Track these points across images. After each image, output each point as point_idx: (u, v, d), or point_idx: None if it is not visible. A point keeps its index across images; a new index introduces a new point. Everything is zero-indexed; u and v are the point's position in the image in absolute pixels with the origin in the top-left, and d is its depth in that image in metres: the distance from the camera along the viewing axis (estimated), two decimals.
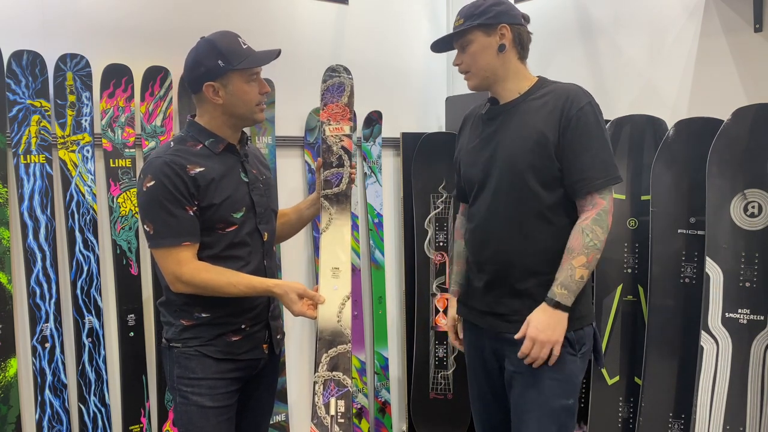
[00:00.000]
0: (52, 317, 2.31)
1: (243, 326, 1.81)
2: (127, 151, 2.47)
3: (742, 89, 2.29)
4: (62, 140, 2.34)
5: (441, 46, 1.91)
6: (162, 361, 2.27)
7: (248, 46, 1.78)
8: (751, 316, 2.07)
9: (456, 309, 2.03)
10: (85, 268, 2.39)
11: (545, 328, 1.67)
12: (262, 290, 1.75)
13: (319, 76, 2.02)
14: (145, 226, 1.74)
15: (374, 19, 3.16)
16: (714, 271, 2.11)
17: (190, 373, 1.77)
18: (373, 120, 3.08)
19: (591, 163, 1.70)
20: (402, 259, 3.20)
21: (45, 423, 2.30)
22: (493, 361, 1.88)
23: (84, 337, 2.38)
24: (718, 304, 2.11)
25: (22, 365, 2.31)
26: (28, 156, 2.27)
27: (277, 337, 1.92)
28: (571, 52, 2.84)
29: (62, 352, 2.34)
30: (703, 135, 2.18)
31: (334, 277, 1.85)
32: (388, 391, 3.15)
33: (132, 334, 2.48)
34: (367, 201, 3.10)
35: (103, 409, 2.43)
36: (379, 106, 3.09)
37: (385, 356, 3.14)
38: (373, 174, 3.12)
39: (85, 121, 2.38)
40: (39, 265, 2.29)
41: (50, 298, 2.31)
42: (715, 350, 2.10)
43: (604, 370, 2.42)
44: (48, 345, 2.31)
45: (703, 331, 2.11)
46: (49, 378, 2.31)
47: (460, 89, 3.24)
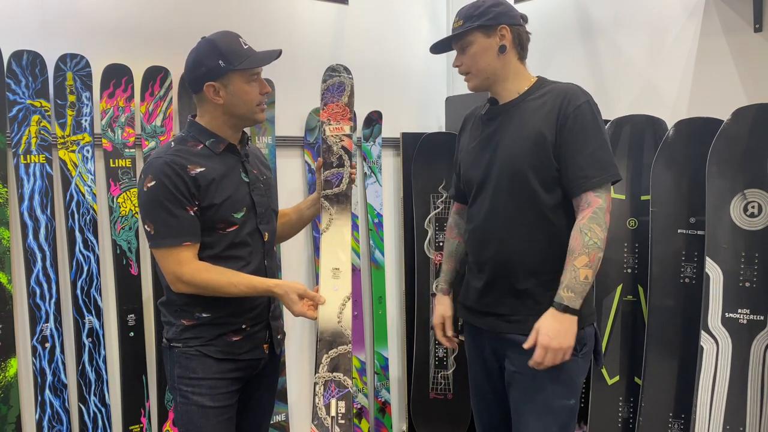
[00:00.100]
0: (52, 317, 2.31)
1: (244, 326, 1.81)
2: (127, 151, 2.47)
3: (742, 89, 2.29)
4: (62, 140, 2.34)
5: (440, 48, 1.90)
6: (162, 361, 2.26)
7: (249, 47, 1.78)
8: (751, 316, 2.07)
9: (446, 307, 2.03)
10: (85, 268, 2.38)
11: (556, 335, 1.64)
12: (263, 290, 1.75)
13: (319, 76, 2.02)
14: (146, 226, 1.74)
15: (374, 20, 3.16)
16: (714, 271, 2.11)
17: (191, 373, 1.77)
18: (373, 120, 3.08)
19: (587, 162, 1.68)
20: (402, 259, 3.20)
21: (45, 423, 2.30)
22: (493, 361, 1.87)
23: (84, 337, 2.38)
24: (718, 304, 2.10)
25: (22, 365, 2.31)
26: (28, 156, 2.27)
27: (278, 337, 1.92)
28: (571, 52, 2.84)
29: (62, 352, 2.34)
30: (703, 135, 2.18)
31: (335, 277, 1.85)
32: (388, 391, 3.15)
33: (132, 334, 2.48)
34: (367, 201, 3.10)
35: (103, 409, 2.43)
36: (379, 106, 3.09)
37: (385, 356, 3.14)
38: (373, 174, 3.12)
39: (85, 121, 2.38)
40: (39, 265, 2.28)
41: (50, 298, 2.31)
42: (715, 350, 2.10)
43: (604, 370, 2.42)
44: (48, 345, 2.31)
45: (703, 331, 2.11)
46: (49, 378, 2.31)
47: (460, 89, 3.24)
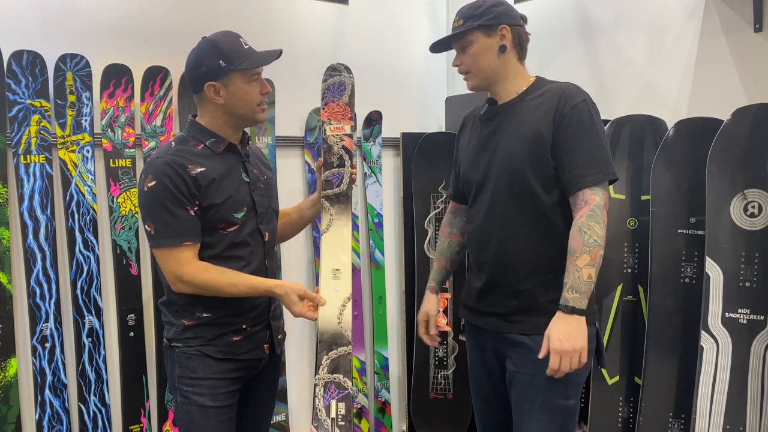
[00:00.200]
0: (52, 317, 2.31)
1: (244, 326, 1.81)
2: (127, 151, 2.47)
3: (742, 89, 2.29)
4: (62, 140, 2.34)
5: (439, 47, 1.90)
6: (163, 361, 2.26)
7: (249, 46, 1.78)
8: (751, 316, 2.07)
9: (431, 305, 2.04)
10: (85, 268, 2.38)
11: (567, 338, 1.62)
12: (263, 290, 1.75)
13: (320, 76, 2.02)
14: (147, 226, 1.74)
15: (374, 19, 3.16)
16: (714, 271, 2.11)
17: (191, 373, 1.77)
18: (373, 120, 3.08)
19: (583, 160, 1.68)
20: (402, 259, 3.20)
21: (45, 423, 2.30)
22: (494, 361, 1.87)
23: (84, 337, 2.38)
24: (718, 304, 2.10)
25: (22, 365, 2.31)
26: (28, 156, 2.27)
27: (278, 337, 1.92)
28: (571, 52, 2.84)
29: (62, 352, 2.33)
30: (703, 135, 2.18)
31: (335, 278, 1.85)
32: (388, 391, 3.15)
33: (132, 334, 2.48)
34: (367, 201, 3.10)
35: (103, 409, 2.43)
36: (379, 106, 3.09)
37: (385, 356, 3.14)
38: (373, 174, 3.11)
39: (85, 121, 2.38)
40: (39, 265, 2.28)
41: (50, 298, 2.31)
42: (715, 350, 2.10)
43: (604, 370, 2.42)
44: (48, 345, 2.31)
45: (703, 331, 2.11)
46: (49, 378, 2.31)
47: (460, 89, 3.24)
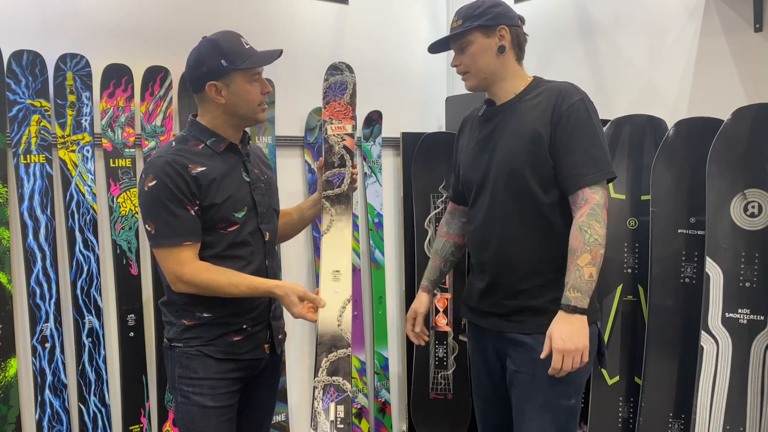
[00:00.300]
0: (52, 317, 2.31)
1: (244, 326, 1.81)
2: (127, 151, 2.47)
3: (742, 89, 2.29)
4: (62, 140, 2.34)
5: (438, 48, 1.90)
6: (163, 361, 2.26)
7: (250, 46, 1.78)
8: (751, 316, 2.07)
9: (421, 303, 2.01)
10: (85, 268, 2.38)
11: (569, 337, 1.63)
12: (264, 291, 1.74)
13: (320, 76, 2.02)
14: (147, 226, 1.74)
15: (374, 19, 3.16)
16: (714, 271, 2.11)
17: (192, 373, 1.77)
18: (373, 120, 3.08)
19: (581, 159, 1.68)
20: (402, 259, 3.20)
21: (45, 423, 2.30)
22: (496, 360, 1.87)
23: (84, 337, 2.38)
24: (718, 304, 2.10)
25: (22, 365, 2.31)
26: (28, 156, 2.27)
27: (279, 337, 1.91)
28: (571, 52, 2.84)
29: (62, 352, 2.33)
30: (703, 135, 2.18)
31: (335, 280, 1.84)
32: (388, 391, 3.15)
33: (132, 334, 2.48)
34: (367, 201, 3.10)
35: (103, 409, 2.43)
36: (379, 106, 3.09)
37: (385, 356, 3.14)
38: (373, 174, 3.12)
39: (85, 121, 2.38)
40: (39, 265, 2.28)
41: (50, 298, 2.31)
42: (715, 350, 2.10)
43: (604, 370, 2.42)
44: (48, 345, 2.31)
45: (703, 331, 2.11)
46: (49, 378, 2.31)
47: (460, 89, 3.22)
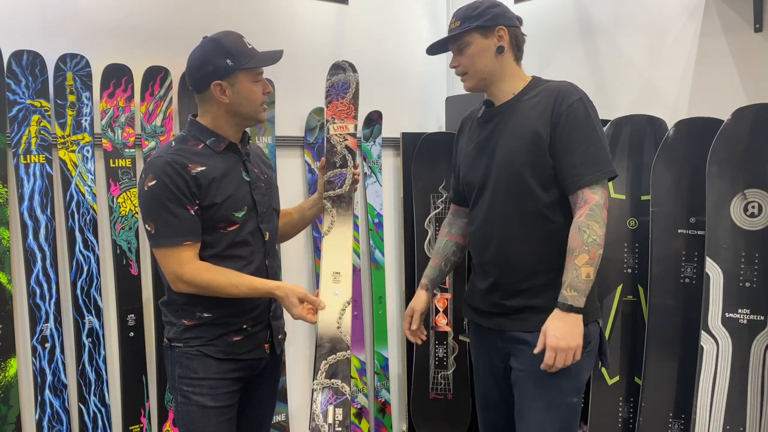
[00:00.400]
0: (52, 317, 2.31)
1: (245, 326, 1.81)
2: (127, 151, 2.47)
3: (742, 89, 2.29)
4: (62, 140, 2.34)
5: (437, 49, 1.90)
6: (163, 361, 2.26)
7: (252, 47, 1.79)
8: (751, 316, 2.07)
9: (419, 301, 1.98)
10: (85, 268, 2.38)
11: (564, 335, 1.64)
12: (264, 291, 1.74)
13: (319, 76, 2.02)
14: (147, 226, 1.74)
15: (374, 19, 3.16)
16: (714, 271, 2.11)
17: (192, 373, 1.77)
18: (373, 120, 3.08)
19: (581, 159, 1.68)
20: (402, 259, 3.20)
21: (45, 423, 2.30)
22: (499, 361, 1.87)
23: (84, 337, 2.38)
24: (718, 304, 2.10)
25: (22, 365, 2.31)
26: (28, 156, 2.27)
27: (279, 337, 1.92)
28: (571, 52, 2.84)
29: (62, 352, 2.33)
30: (703, 135, 2.18)
31: (335, 282, 1.83)
32: (388, 391, 3.15)
33: (132, 334, 2.48)
34: (367, 201, 3.10)
35: (103, 409, 2.43)
36: (379, 106, 3.09)
37: (385, 356, 3.14)
38: (373, 174, 3.12)
39: (85, 121, 2.38)
40: (39, 265, 2.28)
41: (50, 298, 2.31)
42: (715, 350, 2.10)
43: (604, 369, 2.42)
44: (48, 345, 2.31)
45: (703, 331, 2.11)
46: (49, 378, 2.31)
47: (460, 89, 3.20)
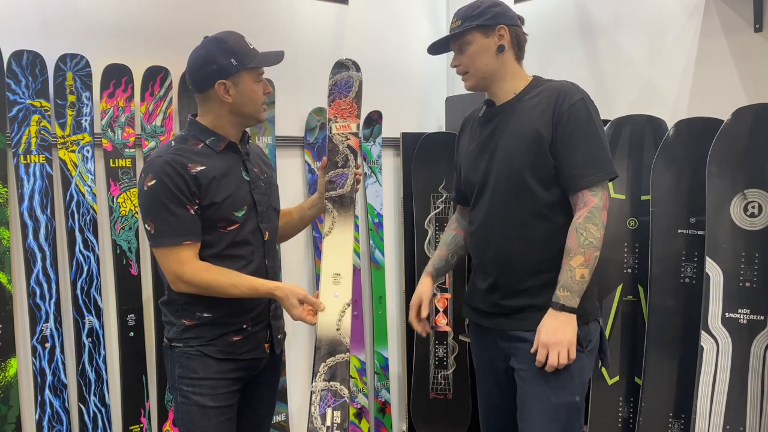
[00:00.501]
0: (52, 317, 2.31)
1: (244, 326, 1.81)
2: (127, 151, 2.47)
3: (742, 89, 2.29)
4: (62, 140, 2.34)
5: (438, 48, 1.91)
6: (163, 361, 2.26)
7: (254, 47, 1.79)
8: (751, 316, 2.07)
9: (425, 287, 1.97)
10: (85, 268, 2.38)
11: (554, 331, 1.67)
12: (264, 292, 1.74)
13: (319, 76, 2.02)
14: (147, 226, 1.74)
15: (374, 19, 3.16)
16: (714, 271, 2.11)
17: (192, 373, 1.77)
18: (373, 120, 3.08)
19: (582, 160, 1.69)
20: (402, 259, 3.20)
21: (45, 423, 2.30)
22: (500, 361, 1.87)
23: (84, 337, 2.38)
24: (718, 304, 2.10)
25: (22, 365, 2.31)
26: (28, 156, 2.27)
27: (278, 337, 1.91)
28: (571, 52, 2.84)
29: (62, 352, 2.33)
30: (703, 135, 2.18)
31: (335, 283, 1.82)
32: (388, 391, 3.14)
33: (132, 334, 2.48)
34: (367, 201, 3.10)
35: (103, 409, 2.43)
36: (379, 106, 3.09)
37: (385, 356, 3.14)
38: (373, 174, 3.12)
39: (85, 121, 2.38)
40: (39, 265, 2.28)
41: (50, 298, 2.31)
42: (715, 350, 2.10)
43: (603, 369, 2.42)
44: (48, 345, 2.31)
45: (703, 331, 2.11)
46: (49, 378, 2.31)
47: (460, 89, 3.21)
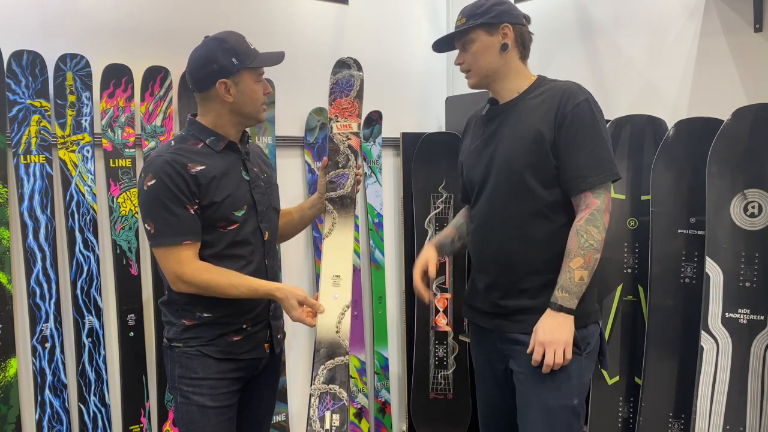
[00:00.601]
0: (52, 317, 2.31)
1: (244, 326, 1.81)
2: (127, 151, 2.47)
3: (742, 89, 2.29)
4: (62, 140, 2.34)
5: (442, 46, 1.91)
6: (163, 361, 2.26)
7: (254, 47, 1.79)
8: (751, 316, 2.07)
9: (429, 250, 1.93)
10: (85, 268, 2.38)
11: (551, 331, 1.68)
12: (264, 293, 1.74)
13: (319, 76, 2.02)
14: (147, 225, 1.74)
15: (374, 19, 3.16)
16: (714, 271, 2.11)
17: (192, 373, 1.77)
18: (373, 120, 3.08)
19: (585, 162, 1.69)
20: (402, 259, 3.20)
21: (45, 423, 2.30)
22: (499, 362, 1.87)
23: (84, 337, 2.38)
24: (718, 304, 2.10)
25: (22, 365, 2.31)
26: (28, 156, 2.27)
27: (278, 337, 1.91)
28: (571, 52, 2.84)
29: (62, 352, 2.33)
30: (703, 135, 2.18)
31: (335, 285, 1.82)
32: (388, 391, 3.14)
33: (132, 334, 2.48)
34: (367, 201, 3.10)
35: (103, 409, 2.43)
36: (379, 106, 3.09)
37: (385, 356, 3.14)
38: (373, 174, 3.11)
39: (85, 121, 2.38)
40: (39, 265, 2.28)
41: (50, 298, 2.31)
42: (715, 350, 2.10)
43: (603, 370, 2.42)
44: (48, 345, 2.31)
45: (703, 331, 2.11)
46: (49, 378, 2.31)
47: (460, 89, 3.24)
